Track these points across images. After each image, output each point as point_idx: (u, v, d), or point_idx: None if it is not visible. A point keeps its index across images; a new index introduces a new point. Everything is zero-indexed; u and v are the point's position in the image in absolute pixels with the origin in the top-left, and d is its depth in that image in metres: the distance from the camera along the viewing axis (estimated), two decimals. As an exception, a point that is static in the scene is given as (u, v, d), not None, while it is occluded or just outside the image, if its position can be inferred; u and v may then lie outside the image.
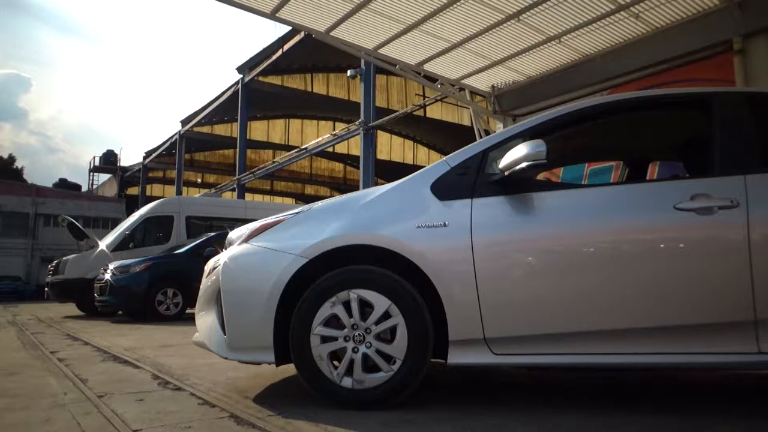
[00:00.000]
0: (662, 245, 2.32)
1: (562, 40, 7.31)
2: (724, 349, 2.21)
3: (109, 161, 40.02)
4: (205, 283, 2.85)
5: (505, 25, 7.05)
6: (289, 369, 2.68)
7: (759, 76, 5.96)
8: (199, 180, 34.95)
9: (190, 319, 3.42)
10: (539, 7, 6.60)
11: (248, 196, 27.26)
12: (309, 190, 37.32)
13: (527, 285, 2.35)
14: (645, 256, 2.32)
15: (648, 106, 2.84)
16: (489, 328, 2.31)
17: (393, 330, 2.35)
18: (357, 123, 16.87)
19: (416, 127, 29.58)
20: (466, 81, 8.81)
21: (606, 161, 5.90)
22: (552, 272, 2.35)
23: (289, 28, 12.63)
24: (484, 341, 2.32)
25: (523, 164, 2.29)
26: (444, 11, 6.85)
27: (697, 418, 2.21)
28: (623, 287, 2.29)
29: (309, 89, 27.05)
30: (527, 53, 7.80)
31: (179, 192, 28.87)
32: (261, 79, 24.22)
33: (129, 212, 20.04)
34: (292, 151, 23.72)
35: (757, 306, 2.17)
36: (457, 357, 2.34)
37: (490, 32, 7.27)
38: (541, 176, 2.87)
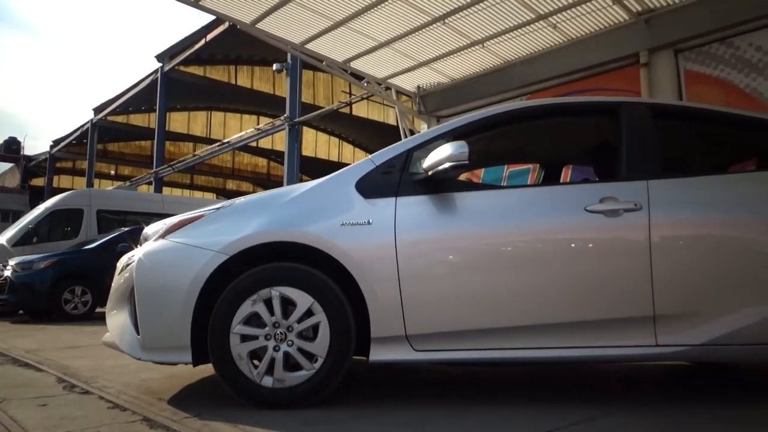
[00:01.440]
0: (573, 245, 2.45)
1: (485, 45, 7.53)
2: (626, 342, 2.36)
3: (11, 149, 36.96)
4: (118, 280, 2.72)
5: (431, 27, 7.17)
6: (207, 369, 2.61)
7: (662, 87, 6.43)
8: (113, 172, 33.06)
9: (100, 319, 3.24)
10: (465, 11, 6.77)
11: (166, 190, 26.14)
12: (231, 185, 36.26)
13: (448, 283, 2.41)
14: (558, 255, 2.44)
15: (563, 112, 2.99)
16: (410, 326, 2.35)
17: (315, 328, 2.34)
18: (282, 118, 16.58)
19: (342, 124, 29.49)
20: (392, 80, 8.89)
21: (524, 164, 6.16)
22: (471, 270, 2.43)
23: (213, 17, 12.24)
24: (405, 338, 2.36)
25: (446, 164, 2.35)
26: (372, 10, 6.88)
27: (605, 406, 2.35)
28: (537, 285, 2.40)
29: (233, 81, 26.26)
30: (452, 56, 7.97)
31: (90, 184, 27.20)
32: (182, 68, 23.23)
33: (33, 205, 18.64)
34: (213, 145, 22.91)
35: (655, 302, 2.34)
36: (378, 354, 2.36)
37: (417, 33, 7.36)
38: (463, 176, 2.95)
